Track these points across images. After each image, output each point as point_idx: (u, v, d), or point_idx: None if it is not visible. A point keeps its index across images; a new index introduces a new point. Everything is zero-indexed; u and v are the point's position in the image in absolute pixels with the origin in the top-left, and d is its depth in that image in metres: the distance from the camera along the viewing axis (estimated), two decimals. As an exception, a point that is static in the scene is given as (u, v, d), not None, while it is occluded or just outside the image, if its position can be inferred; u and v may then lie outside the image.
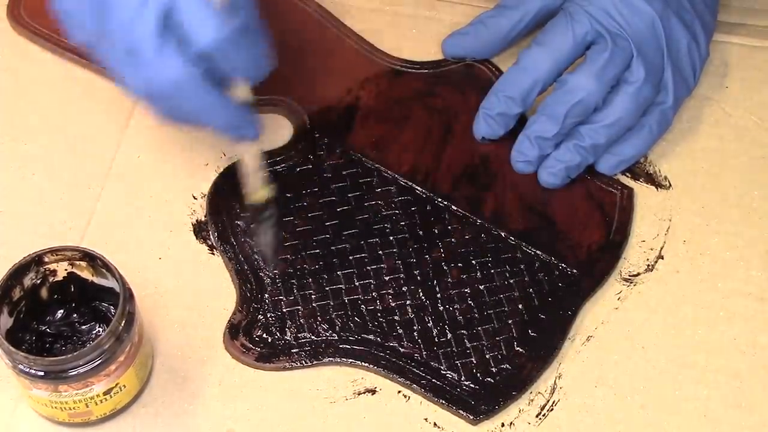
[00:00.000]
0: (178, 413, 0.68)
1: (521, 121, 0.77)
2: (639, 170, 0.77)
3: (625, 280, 0.73)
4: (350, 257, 0.73)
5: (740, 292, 0.73)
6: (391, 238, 0.73)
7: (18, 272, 0.65)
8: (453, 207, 0.75)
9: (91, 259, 0.66)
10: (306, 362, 0.69)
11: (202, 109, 0.65)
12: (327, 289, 0.72)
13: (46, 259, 0.66)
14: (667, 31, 0.75)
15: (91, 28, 0.63)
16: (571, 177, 0.76)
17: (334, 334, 0.70)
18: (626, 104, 0.74)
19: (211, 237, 0.74)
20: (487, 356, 0.70)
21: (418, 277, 0.72)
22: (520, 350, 0.70)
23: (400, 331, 0.70)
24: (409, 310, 0.71)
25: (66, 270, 0.67)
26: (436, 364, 0.69)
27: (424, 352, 0.70)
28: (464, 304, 0.71)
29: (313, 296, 0.71)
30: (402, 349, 0.70)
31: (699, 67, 0.77)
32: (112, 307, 0.68)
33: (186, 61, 0.62)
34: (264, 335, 0.70)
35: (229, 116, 0.67)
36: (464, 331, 0.70)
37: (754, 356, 0.71)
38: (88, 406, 0.65)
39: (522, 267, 0.73)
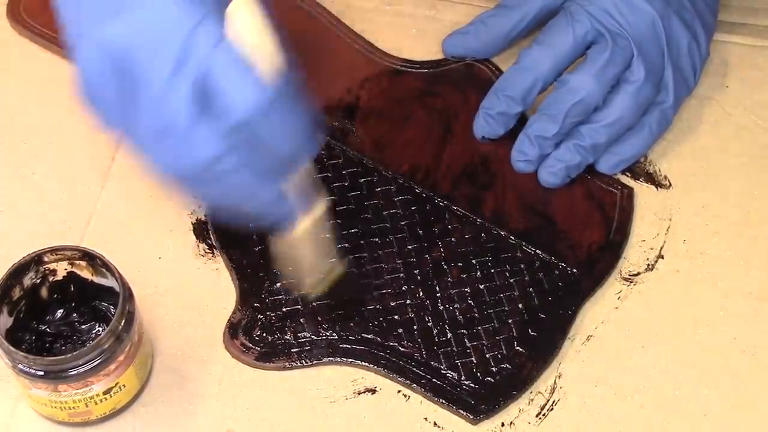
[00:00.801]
0: (178, 413, 0.68)
1: (521, 120, 0.77)
2: (639, 170, 0.77)
3: (625, 279, 0.73)
4: (350, 256, 0.73)
5: (740, 291, 0.73)
6: (391, 237, 0.73)
7: (18, 272, 0.65)
8: (453, 206, 0.75)
9: (91, 258, 0.66)
10: (306, 362, 0.69)
11: (238, 191, 0.58)
12: (327, 288, 0.72)
13: (46, 259, 0.66)
14: (668, 31, 0.75)
15: (118, 109, 0.57)
16: (571, 176, 0.76)
17: (334, 334, 0.70)
18: (626, 104, 0.74)
19: (211, 236, 0.74)
20: (487, 356, 0.70)
21: (418, 277, 0.72)
22: (520, 350, 0.70)
23: (400, 330, 0.70)
24: (409, 310, 0.71)
25: (66, 269, 0.67)
26: (436, 364, 0.69)
27: (424, 352, 0.70)
28: (464, 303, 0.71)
29: (313, 296, 0.71)
30: (402, 349, 0.70)
31: (699, 67, 0.77)
32: (111, 306, 0.68)
33: (224, 136, 0.56)
34: (264, 335, 0.70)
35: (267, 202, 0.60)
36: (464, 331, 0.70)
37: (754, 356, 0.71)
38: (87, 406, 0.65)
39: (522, 266, 0.73)
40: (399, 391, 0.69)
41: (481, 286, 0.72)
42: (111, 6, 0.56)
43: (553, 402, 0.69)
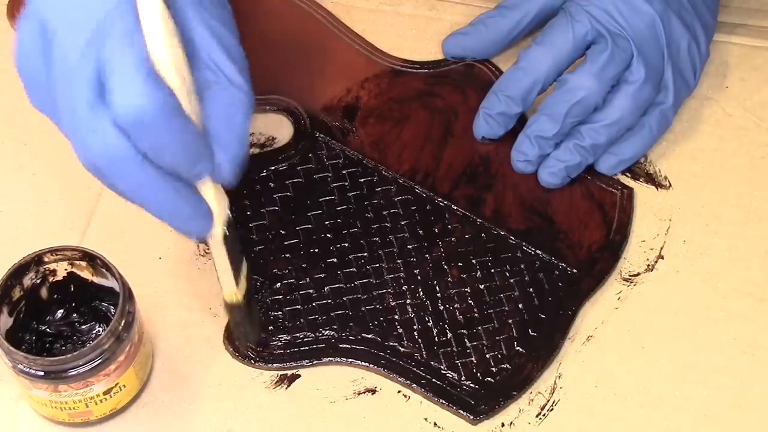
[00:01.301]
0: (178, 413, 0.68)
1: (521, 120, 0.77)
2: (639, 170, 0.77)
3: (625, 279, 0.73)
4: (350, 256, 0.73)
5: (740, 291, 0.73)
6: (391, 237, 0.73)
7: (18, 272, 0.65)
8: (453, 206, 0.75)
9: (91, 258, 0.66)
10: (306, 362, 0.69)
11: (136, 189, 0.55)
12: (327, 288, 0.72)
13: (46, 259, 0.66)
14: (668, 31, 0.75)
15: (42, 86, 0.56)
16: (571, 177, 0.76)
17: (334, 334, 0.70)
18: (626, 104, 0.74)
19: (211, 237, 0.74)
20: (487, 356, 0.70)
21: (418, 277, 0.72)
22: (520, 350, 0.70)
23: (400, 330, 0.70)
24: (409, 310, 0.71)
25: (66, 270, 0.67)
26: (436, 364, 0.69)
27: (424, 352, 0.70)
28: (464, 303, 0.71)
29: (313, 296, 0.71)
30: (402, 349, 0.70)
31: (699, 67, 0.77)
32: (112, 306, 0.68)
33: (116, 133, 0.53)
34: (263, 335, 0.70)
35: (170, 203, 0.56)
36: (464, 331, 0.70)
37: (754, 356, 0.71)
38: (87, 406, 0.65)
39: (522, 267, 0.73)
40: (399, 392, 0.69)
41: (481, 286, 0.72)
42: None
43: (553, 402, 0.69)
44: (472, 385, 0.69)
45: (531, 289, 0.72)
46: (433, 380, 0.69)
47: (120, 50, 0.53)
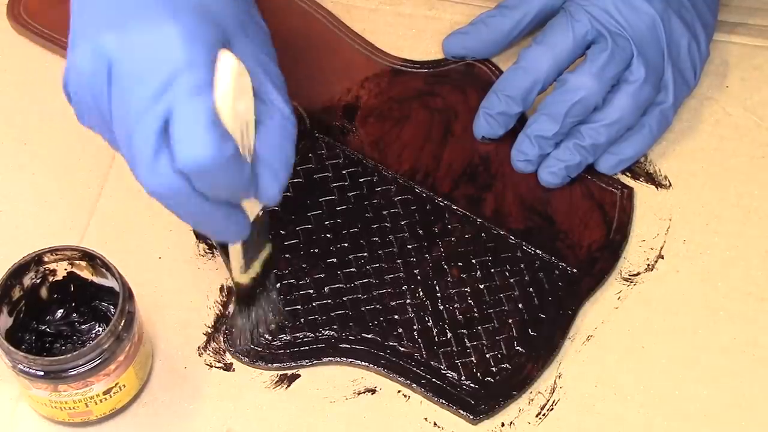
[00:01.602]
0: (178, 413, 0.68)
1: (521, 120, 0.77)
2: (639, 170, 0.77)
3: (625, 279, 0.73)
4: (350, 256, 0.73)
5: (740, 291, 0.73)
6: (391, 237, 0.73)
7: (18, 272, 0.65)
8: (453, 206, 0.75)
9: (91, 258, 0.66)
10: (306, 362, 0.69)
11: (190, 216, 0.60)
12: (327, 288, 0.72)
13: (46, 259, 0.66)
14: (668, 31, 0.75)
15: (95, 112, 0.59)
16: (571, 176, 0.76)
17: (333, 334, 0.70)
18: (626, 104, 0.74)
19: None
20: (487, 356, 0.70)
21: (418, 277, 0.72)
22: (520, 350, 0.70)
23: (400, 330, 0.70)
24: (409, 310, 0.71)
25: (66, 269, 0.67)
26: (436, 364, 0.69)
27: (424, 352, 0.70)
28: (464, 303, 0.71)
29: (312, 295, 0.71)
30: (402, 349, 0.70)
31: (699, 67, 0.77)
32: (111, 306, 0.68)
33: (175, 174, 0.57)
34: (264, 335, 0.70)
35: (220, 225, 0.61)
36: (464, 331, 0.70)
37: (754, 356, 0.71)
38: (87, 406, 0.65)
39: (522, 266, 0.73)
40: (399, 391, 0.69)
41: (481, 286, 0.72)
42: (118, 18, 0.57)
43: (553, 402, 0.69)
44: (472, 384, 0.69)
45: (531, 289, 0.72)
46: (433, 380, 0.69)
47: (189, 102, 0.55)
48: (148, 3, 0.57)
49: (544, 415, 0.68)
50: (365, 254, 0.73)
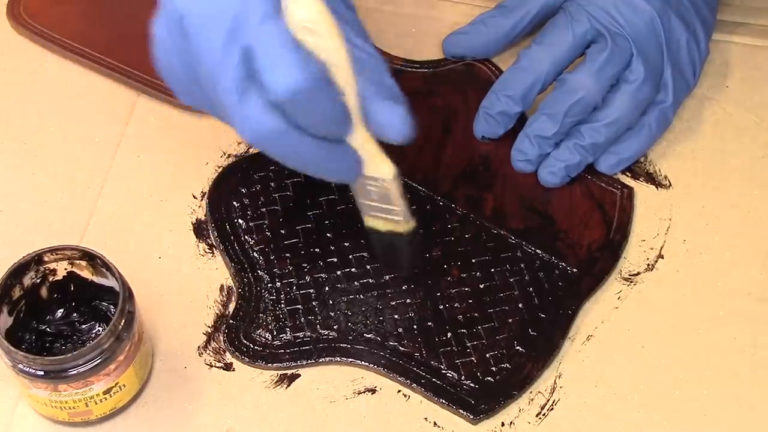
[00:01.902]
0: (178, 412, 0.68)
1: (521, 120, 0.77)
2: (639, 169, 0.77)
3: (625, 279, 0.73)
4: (350, 256, 0.73)
5: (740, 291, 0.73)
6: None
7: (18, 271, 0.65)
8: (453, 206, 0.75)
9: (91, 258, 0.66)
10: (306, 362, 0.69)
11: (294, 157, 0.59)
12: (326, 288, 0.72)
13: (46, 259, 0.66)
14: (667, 30, 0.75)
15: (185, 78, 0.59)
16: (570, 176, 0.76)
17: (333, 334, 0.70)
18: (626, 103, 0.74)
19: (211, 236, 0.74)
20: (487, 355, 0.70)
21: (418, 276, 0.72)
22: (520, 349, 0.70)
23: (400, 330, 0.70)
24: (409, 309, 0.71)
25: (66, 269, 0.67)
26: (436, 364, 0.69)
27: (424, 352, 0.70)
28: (464, 303, 0.71)
29: (312, 295, 0.71)
30: (402, 349, 0.70)
31: (699, 66, 0.77)
32: (111, 306, 0.68)
33: (269, 112, 0.56)
34: (263, 334, 0.70)
35: (324, 162, 0.60)
36: (464, 331, 0.70)
37: (753, 356, 0.71)
38: (87, 406, 0.65)
39: (522, 266, 0.73)
40: (399, 391, 0.69)
41: (481, 286, 0.72)
42: None
43: (554, 402, 0.69)
44: (472, 384, 0.69)
45: (531, 289, 0.72)
46: (433, 380, 0.69)
47: (265, 29, 0.55)
48: None
49: (544, 414, 0.68)
50: (365, 254, 0.73)
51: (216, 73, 0.56)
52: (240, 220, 0.74)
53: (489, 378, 0.69)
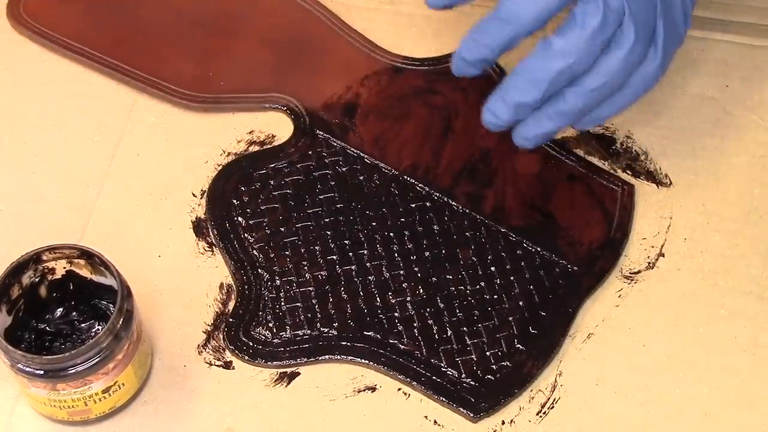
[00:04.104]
0: (178, 411, 0.68)
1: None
2: (640, 168, 0.77)
3: (626, 277, 0.73)
4: (350, 254, 0.73)
5: (741, 290, 0.73)
6: (391, 234, 0.73)
7: (16, 270, 0.65)
8: (453, 203, 0.75)
9: (90, 257, 0.66)
10: (305, 359, 0.69)
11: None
12: (326, 286, 0.72)
13: (45, 257, 0.66)
14: None
15: None
16: (546, 142, 0.70)
17: (333, 331, 0.70)
18: (615, 68, 0.67)
19: (211, 234, 0.73)
20: (488, 353, 0.70)
21: (418, 274, 0.72)
22: (521, 347, 0.70)
23: (400, 328, 0.70)
24: (409, 307, 0.71)
25: (65, 268, 0.67)
26: (437, 362, 0.69)
27: (424, 350, 0.70)
28: (464, 301, 0.71)
29: (312, 293, 0.71)
30: (402, 347, 0.70)
31: (690, 11, 0.70)
32: (111, 305, 0.68)
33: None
34: (263, 332, 0.70)
35: None
36: (464, 329, 0.70)
37: (754, 354, 0.70)
38: (87, 405, 0.65)
39: (522, 264, 0.72)
40: (399, 389, 0.69)
41: (482, 284, 0.72)
42: None
43: (554, 400, 0.69)
44: (472, 382, 0.69)
45: (531, 287, 0.72)
46: (434, 378, 0.69)
47: None
48: None
49: (544, 413, 0.68)
50: (365, 252, 0.73)
51: None
52: (240, 218, 0.74)
53: (489, 376, 0.69)
